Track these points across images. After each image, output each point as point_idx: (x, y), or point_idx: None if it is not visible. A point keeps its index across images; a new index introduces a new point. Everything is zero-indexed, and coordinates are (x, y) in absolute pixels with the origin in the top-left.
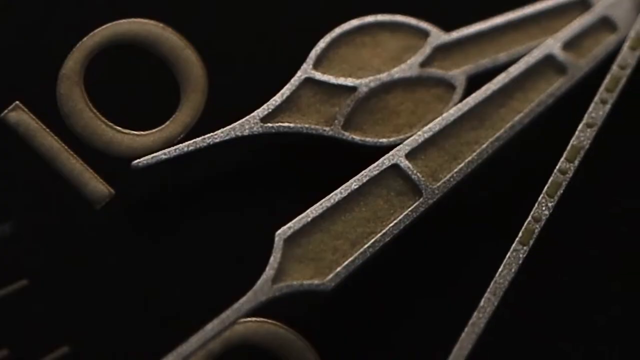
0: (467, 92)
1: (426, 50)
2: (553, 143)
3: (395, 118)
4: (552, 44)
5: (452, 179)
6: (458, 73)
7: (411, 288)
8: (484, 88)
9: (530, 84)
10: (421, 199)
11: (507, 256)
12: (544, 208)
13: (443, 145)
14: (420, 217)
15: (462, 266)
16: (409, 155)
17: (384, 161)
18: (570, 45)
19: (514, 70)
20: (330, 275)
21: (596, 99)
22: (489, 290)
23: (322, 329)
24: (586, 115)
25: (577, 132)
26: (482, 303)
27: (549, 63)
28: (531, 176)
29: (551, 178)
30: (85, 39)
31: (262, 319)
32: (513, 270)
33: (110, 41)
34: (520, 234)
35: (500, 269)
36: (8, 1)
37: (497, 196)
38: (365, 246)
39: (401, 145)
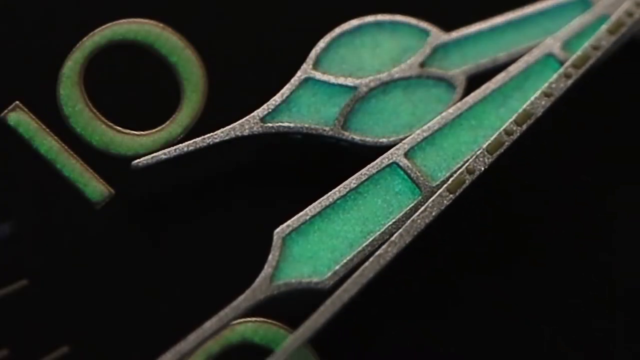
0: (467, 92)
1: (426, 50)
2: (552, 142)
3: (395, 118)
4: (552, 44)
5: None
6: (458, 73)
7: (410, 287)
8: (483, 87)
9: (530, 84)
10: (420, 198)
11: (432, 199)
12: (479, 162)
13: (442, 144)
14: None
15: (462, 265)
16: (408, 154)
17: (383, 160)
18: (570, 45)
19: (514, 69)
20: (329, 274)
21: (560, 71)
22: (404, 227)
23: (322, 329)
24: (546, 84)
25: (532, 98)
26: (394, 238)
27: (548, 63)
28: (529, 175)
29: (495, 135)
30: (85, 39)
31: (261, 319)
32: (433, 214)
33: (110, 41)
34: (449, 182)
35: (421, 210)
36: (8, 1)
37: (495, 195)
38: (364, 245)
39: (400, 144)
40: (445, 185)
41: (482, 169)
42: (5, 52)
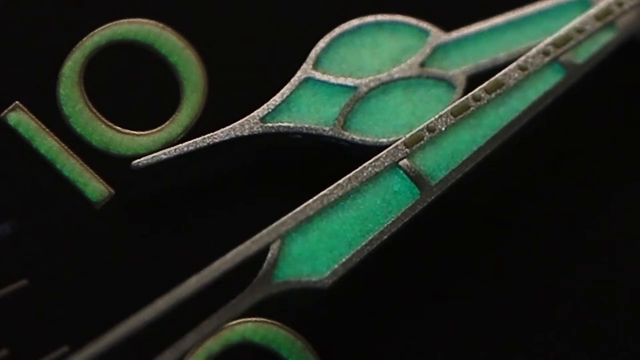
0: (467, 92)
1: (426, 50)
2: (551, 142)
3: (395, 118)
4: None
5: (450, 178)
6: (458, 73)
7: (410, 287)
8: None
9: (530, 84)
10: (419, 197)
11: (388, 150)
12: (441, 122)
13: (441, 143)
14: (418, 216)
15: (461, 264)
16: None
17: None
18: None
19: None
20: (328, 273)
21: (540, 47)
22: (354, 172)
23: (322, 329)
24: (523, 57)
25: (506, 69)
26: (341, 181)
27: (548, 63)
28: (529, 175)
29: (462, 99)
30: (85, 39)
31: (261, 319)
32: (386, 164)
33: (110, 41)
34: (407, 136)
35: (374, 159)
36: (8, 1)
37: (494, 195)
38: (363, 244)
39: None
40: (403, 139)
41: (443, 128)
42: (5, 52)
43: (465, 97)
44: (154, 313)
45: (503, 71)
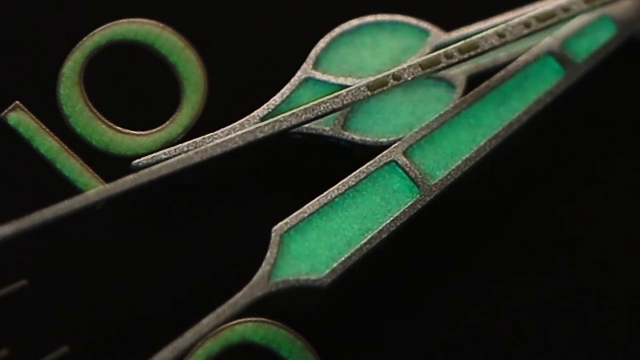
0: (467, 92)
1: (426, 50)
2: (551, 142)
3: (394, 118)
4: (552, 43)
5: (449, 177)
6: (458, 73)
7: (409, 286)
8: (482, 86)
9: (530, 83)
10: (418, 196)
11: (348, 89)
12: (408, 72)
13: (440, 142)
14: (417, 215)
15: (460, 263)
16: (407, 152)
17: (382, 158)
18: (569, 44)
19: (513, 68)
20: (326, 272)
21: (522, 18)
22: (306, 106)
23: (322, 329)
24: (503, 25)
25: (483, 33)
26: (299, 110)
27: (548, 62)
28: (528, 174)
29: (434, 54)
30: (85, 39)
31: (261, 319)
32: (345, 102)
33: (110, 41)
34: (372, 79)
35: (333, 95)
36: (8, 1)
37: (494, 194)
38: (362, 243)
39: (399, 142)
40: (367, 82)
41: (409, 78)
42: (5, 52)
43: (437, 52)
44: (84, 202)
45: (480, 34)
